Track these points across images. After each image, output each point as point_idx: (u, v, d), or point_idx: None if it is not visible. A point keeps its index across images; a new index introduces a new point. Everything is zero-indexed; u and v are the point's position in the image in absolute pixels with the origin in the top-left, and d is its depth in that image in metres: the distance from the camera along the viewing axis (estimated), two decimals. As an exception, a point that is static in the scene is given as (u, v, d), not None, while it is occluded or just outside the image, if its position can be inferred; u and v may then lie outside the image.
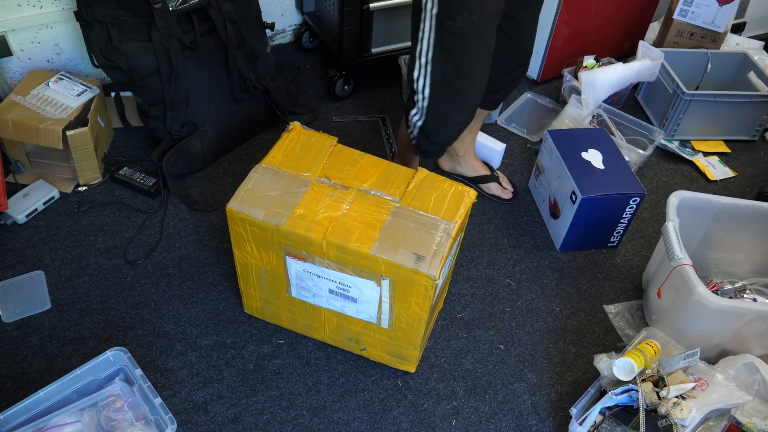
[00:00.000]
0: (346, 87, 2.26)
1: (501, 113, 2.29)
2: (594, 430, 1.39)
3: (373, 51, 2.21)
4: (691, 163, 2.21)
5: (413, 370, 1.55)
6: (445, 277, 1.50)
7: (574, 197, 1.75)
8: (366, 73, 2.38)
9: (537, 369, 1.60)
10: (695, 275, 1.47)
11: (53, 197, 1.83)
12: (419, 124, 1.50)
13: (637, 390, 1.38)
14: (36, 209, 1.80)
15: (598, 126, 2.16)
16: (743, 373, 1.46)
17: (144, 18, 1.73)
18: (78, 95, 1.85)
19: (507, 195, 1.99)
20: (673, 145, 2.25)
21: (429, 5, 1.32)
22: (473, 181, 1.98)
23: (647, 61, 2.14)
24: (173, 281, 1.69)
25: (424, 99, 1.45)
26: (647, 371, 1.42)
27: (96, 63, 1.78)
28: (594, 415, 1.39)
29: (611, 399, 1.40)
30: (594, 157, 1.81)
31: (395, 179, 1.41)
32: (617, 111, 2.19)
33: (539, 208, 1.99)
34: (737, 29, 2.65)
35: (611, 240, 1.87)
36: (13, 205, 1.77)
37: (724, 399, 1.38)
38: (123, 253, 1.74)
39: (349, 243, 1.28)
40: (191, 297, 1.66)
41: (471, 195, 1.40)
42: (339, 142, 1.48)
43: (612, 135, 2.08)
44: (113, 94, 2.02)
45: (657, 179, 2.16)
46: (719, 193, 1.75)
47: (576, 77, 2.23)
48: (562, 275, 1.82)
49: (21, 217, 1.76)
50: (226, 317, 1.62)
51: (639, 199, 1.74)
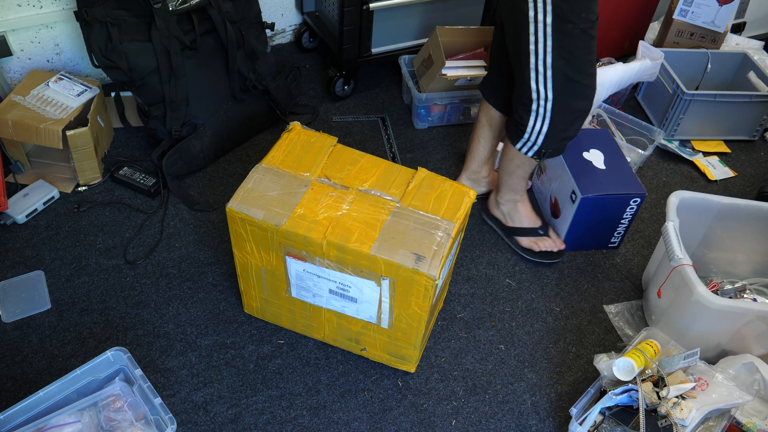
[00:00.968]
0: (346, 87, 2.26)
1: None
2: (594, 430, 1.39)
3: (373, 51, 2.21)
4: (691, 163, 2.21)
5: (413, 370, 1.55)
6: (445, 277, 1.50)
7: (573, 197, 1.75)
8: (366, 73, 2.38)
9: (537, 369, 1.60)
10: (695, 275, 1.47)
11: (53, 197, 1.83)
12: (544, 129, 1.55)
13: (637, 390, 1.38)
14: (36, 209, 1.79)
15: (598, 126, 2.16)
16: (743, 373, 1.46)
17: (144, 18, 1.73)
18: (78, 95, 1.85)
19: (557, 247, 1.84)
20: (673, 145, 2.25)
21: (540, 17, 1.41)
22: (513, 233, 1.85)
23: (647, 61, 2.13)
24: (173, 281, 1.69)
25: (546, 101, 1.51)
26: (647, 371, 1.42)
27: (96, 63, 1.78)
28: (594, 415, 1.39)
29: (611, 399, 1.40)
30: (595, 157, 1.81)
31: (395, 179, 1.41)
32: (617, 111, 2.19)
33: (541, 207, 1.99)
34: (737, 29, 2.65)
35: (612, 240, 1.87)
36: (13, 205, 1.77)
37: (724, 399, 1.38)
38: (123, 253, 1.74)
39: (349, 243, 1.28)
40: (191, 297, 1.66)
41: (471, 195, 1.40)
42: (339, 142, 1.48)
43: (612, 135, 2.08)
44: (113, 94, 2.02)
45: (657, 179, 2.16)
46: (719, 193, 1.75)
47: (576, 77, 2.23)
48: (562, 275, 1.82)
49: (21, 217, 1.76)
50: (226, 317, 1.62)
51: (639, 200, 1.74)
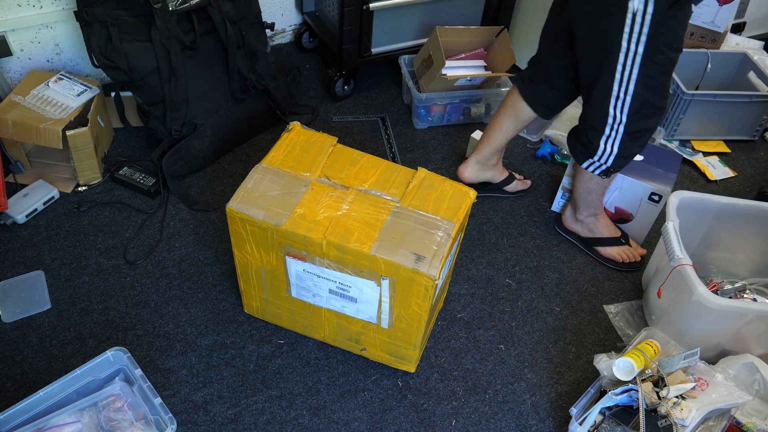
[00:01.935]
0: (346, 87, 2.26)
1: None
2: (594, 430, 1.39)
3: (373, 51, 2.21)
4: (691, 163, 2.21)
5: (413, 370, 1.55)
6: (445, 277, 1.50)
7: (656, 197, 1.78)
8: (366, 73, 2.38)
9: (537, 369, 1.60)
10: (695, 275, 1.47)
11: (53, 197, 1.83)
12: (614, 150, 1.60)
13: (637, 390, 1.38)
14: (36, 209, 1.79)
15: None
16: (743, 373, 1.46)
17: (144, 18, 1.73)
18: (78, 95, 1.85)
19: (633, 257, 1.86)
20: (673, 145, 2.25)
21: (633, 47, 1.43)
22: (593, 243, 1.87)
23: (647, 61, 2.13)
24: (173, 281, 1.69)
25: (620, 125, 1.55)
26: (647, 371, 1.42)
27: (96, 63, 1.78)
28: (594, 415, 1.39)
29: (611, 399, 1.40)
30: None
31: (395, 179, 1.41)
32: (617, 111, 2.19)
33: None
34: (737, 29, 2.65)
35: None
36: (13, 205, 1.77)
37: (724, 399, 1.38)
38: (123, 253, 1.74)
39: (349, 243, 1.28)
40: (191, 297, 1.66)
41: (471, 195, 1.40)
42: (339, 142, 1.48)
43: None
44: (113, 94, 2.02)
45: (657, 179, 2.16)
46: (719, 193, 1.75)
47: (576, 77, 2.23)
48: (562, 275, 1.82)
49: (21, 217, 1.76)
50: (226, 317, 1.62)
51: None
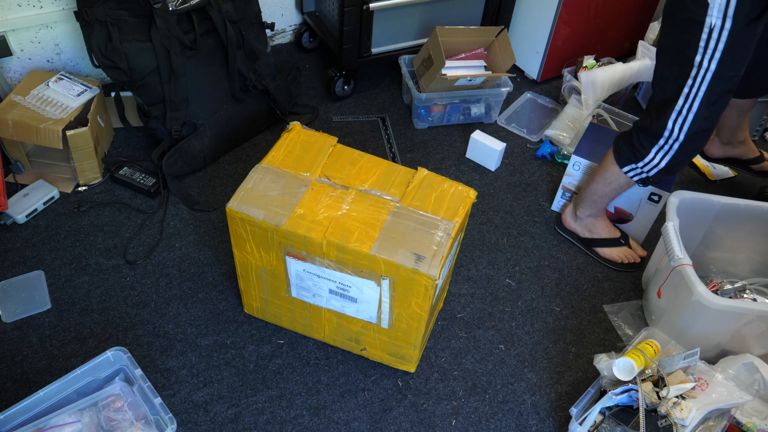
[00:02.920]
0: (346, 87, 2.26)
1: (501, 113, 2.29)
2: (594, 430, 1.39)
3: (373, 51, 2.21)
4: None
5: (413, 370, 1.55)
6: (445, 277, 1.50)
7: (656, 197, 1.77)
8: (366, 73, 2.38)
9: (537, 369, 1.60)
10: (695, 275, 1.47)
11: (53, 197, 1.83)
12: (662, 164, 1.56)
13: (637, 390, 1.38)
14: (36, 209, 1.79)
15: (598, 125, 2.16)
16: (743, 373, 1.46)
17: (144, 18, 1.73)
18: (78, 95, 1.85)
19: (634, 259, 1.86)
20: (673, 145, 2.24)
21: (706, 63, 1.38)
22: (593, 244, 1.86)
23: (647, 61, 2.14)
24: (173, 281, 1.69)
25: (675, 142, 1.51)
26: (647, 371, 1.42)
27: (96, 63, 1.78)
28: (594, 415, 1.39)
29: (611, 399, 1.40)
30: None
31: (395, 179, 1.41)
32: (617, 111, 2.19)
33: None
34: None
35: None
36: (13, 205, 1.77)
37: (724, 399, 1.38)
38: (123, 253, 1.74)
39: (349, 243, 1.28)
40: (191, 297, 1.66)
41: (471, 195, 1.40)
42: (339, 142, 1.48)
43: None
44: (113, 94, 2.02)
45: (657, 179, 2.16)
46: (719, 193, 1.74)
47: (576, 77, 2.23)
48: (562, 275, 1.82)
49: (21, 217, 1.76)
50: (226, 317, 1.62)
51: None
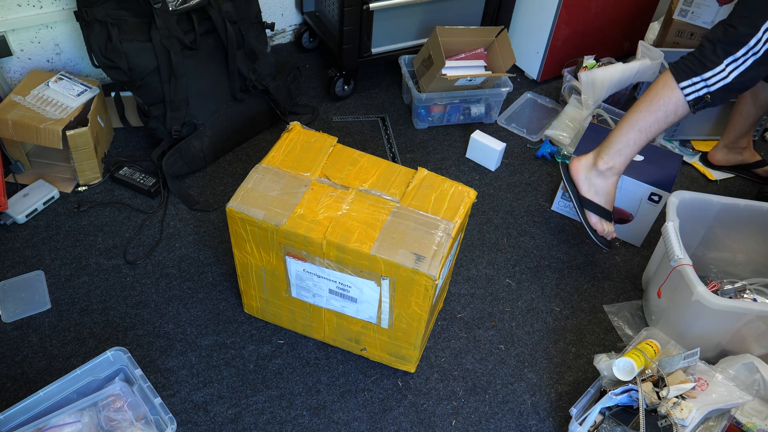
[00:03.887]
0: (346, 87, 2.26)
1: (501, 113, 2.29)
2: (594, 430, 1.39)
3: (373, 51, 2.21)
4: (691, 164, 2.21)
5: (413, 370, 1.55)
6: (445, 277, 1.50)
7: (656, 197, 1.77)
8: (366, 73, 2.38)
9: (537, 369, 1.60)
10: (695, 275, 1.47)
11: (53, 197, 1.83)
12: (732, 76, 1.52)
13: (637, 390, 1.38)
14: (36, 209, 1.79)
15: (598, 125, 2.16)
16: (743, 373, 1.46)
17: (144, 18, 1.73)
18: (78, 95, 1.85)
19: (608, 235, 1.78)
20: (673, 146, 2.25)
21: None
22: (587, 205, 1.75)
23: (647, 61, 2.13)
24: (173, 281, 1.69)
25: (758, 53, 1.48)
26: (647, 371, 1.42)
27: (96, 63, 1.78)
28: (594, 415, 1.39)
29: (611, 399, 1.40)
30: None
31: (395, 179, 1.41)
32: (617, 111, 2.19)
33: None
34: (737, 29, 2.65)
35: None
36: (13, 205, 1.77)
37: (724, 399, 1.38)
38: (123, 253, 1.74)
39: (349, 243, 1.28)
40: (191, 297, 1.66)
41: (471, 195, 1.40)
42: (339, 142, 1.48)
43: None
44: (113, 94, 2.02)
45: (657, 179, 2.15)
46: (719, 193, 1.74)
47: (576, 77, 2.23)
48: (562, 275, 1.82)
49: (21, 217, 1.76)
50: (226, 317, 1.62)
51: None
